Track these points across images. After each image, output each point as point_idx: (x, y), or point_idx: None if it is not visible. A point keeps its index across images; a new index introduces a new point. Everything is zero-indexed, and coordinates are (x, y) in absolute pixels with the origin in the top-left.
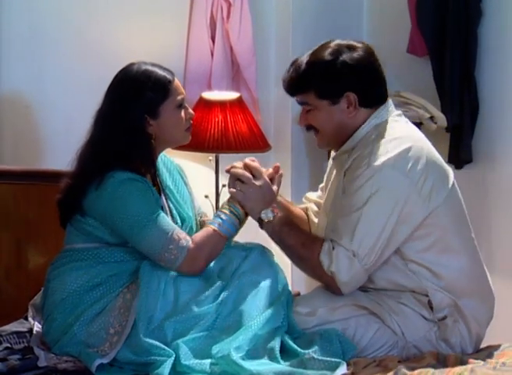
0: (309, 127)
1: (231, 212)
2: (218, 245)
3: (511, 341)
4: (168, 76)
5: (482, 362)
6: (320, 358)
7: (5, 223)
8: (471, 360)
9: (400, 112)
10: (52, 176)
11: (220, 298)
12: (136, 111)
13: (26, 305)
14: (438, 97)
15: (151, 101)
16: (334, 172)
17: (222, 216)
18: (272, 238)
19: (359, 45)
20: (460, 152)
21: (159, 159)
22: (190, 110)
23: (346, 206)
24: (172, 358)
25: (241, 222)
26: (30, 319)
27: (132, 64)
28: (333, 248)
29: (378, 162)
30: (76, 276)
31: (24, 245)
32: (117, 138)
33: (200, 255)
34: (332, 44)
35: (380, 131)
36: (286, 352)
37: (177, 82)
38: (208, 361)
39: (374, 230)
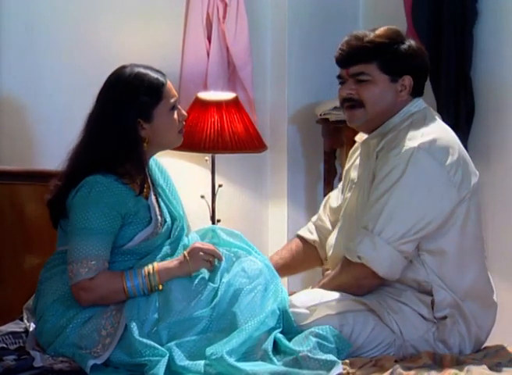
0: (350, 99)
1: (150, 284)
2: (115, 296)
3: (508, 341)
4: (161, 79)
5: (479, 363)
6: (315, 357)
7: (1, 223)
8: (467, 360)
9: (431, 108)
10: (49, 177)
11: (214, 303)
12: (129, 115)
13: (22, 305)
14: (434, 97)
15: (145, 105)
16: (358, 161)
17: (140, 281)
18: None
19: (410, 39)
20: None
21: (151, 160)
22: (183, 111)
23: (377, 189)
24: (166, 358)
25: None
26: (25, 320)
27: (124, 67)
28: (354, 240)
29: (413, 144)
30: (67, 278)
31: (20, 246)
32: (109, 141)
33: (84, 295)
34: (392, 28)
35: (415, 119)
36: (280, 351)
37: (169, 84)
38: (203, 362)
39: (403, 209)
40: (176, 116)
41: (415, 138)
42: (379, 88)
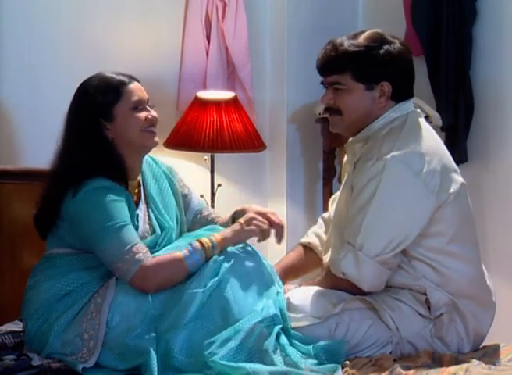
0: (331, 109)
1: (208, 247)
2: (177, 274)
3: (506, 340)
4: (123, 79)
5: (477, 362)
6: (317, 368)
7: (0, 223)
8: (466, 359)
9: (419, 111)
10: (45, 175)
11: (209, 284)
12: (89, 115)
13: (20, 305)
14: (433, 96)
15: (104, 104)
16: (348, 165)
17: (196, 249)
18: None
19: (396, 40)
20: (455, 152)
21: (146, 166)
22: (153, 113)
23: (356, 202)
24: (155, 360)
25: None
26: None
27: (95, 74)
28: (340, 252)
29: (387, 156)
30: (48, 285)
31: (18, 246)
32: (78, 145)
33: (152, 276)
34: (373, 33)
35: (394, 126)
36: (281, 356)
37: (136, 85)
38: (201, 361)
39: (381, 223)
40: (140, 115)
41: (389, 148)
42: (355, 97)
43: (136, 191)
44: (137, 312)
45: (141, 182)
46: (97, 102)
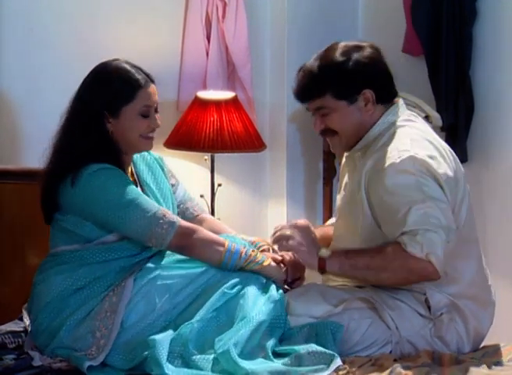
0: (325, 131)
1: (253, 260)
2: (209, 255)
3: (506, 340)
4: (142, 81)
5: (477, 362)
6: (316, 350)
7: (1, 222)
8: (466, 359)
9: (411, 112)
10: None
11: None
12: (97, 103)
13: (21, 305)
14: (433, 96)
15: (115, 99)
16: (346, 172)
17: (245, 253)
18: (344, 271)
19: (365, 44)
20: (455, 152)
21: (137, 155)
22: (157, 121)
23: (389, 206)
24: (165, 356)
25: (243, 267)
26: (25, 320)
27: (115, 59)
28: (415, 235)
29: (402, 158)
30: (60, 279)
31: (20, 245)
32: (80, 130)
33: (191, 233)
34: (340, 46)
35: (397, 128)
36: (282, 355)
37: (152, 90)
38: (211, 357)
39: (431, 216)
40: (143, 121)
41: (402, 152)
42: (342, 114)
43: (131, 179)
44: (156, 313)
45: (133, 171)
46: (109, 96)
